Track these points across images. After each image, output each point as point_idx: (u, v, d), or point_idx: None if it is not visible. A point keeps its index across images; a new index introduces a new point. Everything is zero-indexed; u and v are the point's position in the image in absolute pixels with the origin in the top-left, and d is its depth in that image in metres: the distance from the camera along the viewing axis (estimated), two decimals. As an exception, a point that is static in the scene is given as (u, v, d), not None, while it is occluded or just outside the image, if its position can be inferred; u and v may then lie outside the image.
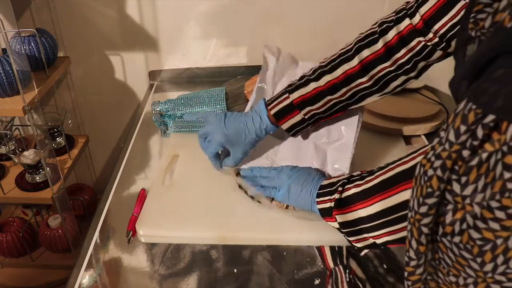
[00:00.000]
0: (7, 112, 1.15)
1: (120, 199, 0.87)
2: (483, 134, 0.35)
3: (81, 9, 1.26)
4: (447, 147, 0.38)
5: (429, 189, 0.40)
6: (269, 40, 1.31)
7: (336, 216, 0.65)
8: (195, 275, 0.70)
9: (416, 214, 0.41)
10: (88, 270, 0.73)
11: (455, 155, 0.38)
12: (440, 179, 0.39)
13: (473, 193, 0.37)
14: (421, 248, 0.42)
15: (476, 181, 0.36)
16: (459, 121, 0.37)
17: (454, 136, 0.38)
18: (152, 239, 0.76)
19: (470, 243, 0.38)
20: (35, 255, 1.38)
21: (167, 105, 1.02)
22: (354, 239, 0.65)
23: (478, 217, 0.36)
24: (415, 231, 0.42)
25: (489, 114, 0.35)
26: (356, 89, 0.75)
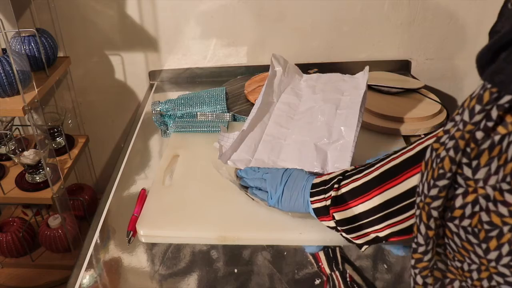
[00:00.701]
0: (7, 112, 1.15)
1: (120, 199, 0.87)
2: (497, 115, 0.35)
3: (81, 9, 1.26)
4: (461, 127, 0.38)
5: (440, 171, 0.39)
6: (269, 40, 1.31)
7: (334, 214, 0.63)
8: (195, 275, 0.70)
9: (426, 197, 0.41)
10: (88, 270, 0.73)
11: (468, 135, 0.37)
12: (452, 160, 0.39)
13: (487, 176, 0.36)
14: (430, 232, 0.41)
15: (488, 163, 0.36)
16: (475, 101, 0.37)
17: (469, 116, 0.37)
18: (152, 239, 0.76)
19: (478, 226, 0.37)
20: (35, 255, 1.38)
21: (167, 105, 1.02)
22: (354, 236, 0.63)
23: (491, 199, 0.36)
24: (424, 215, 0.42)
25: (505, 94, 0.35)
26: None
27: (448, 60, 1.33)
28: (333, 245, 0.74)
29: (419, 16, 1.25)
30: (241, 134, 0.87)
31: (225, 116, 1.03)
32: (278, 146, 0.88)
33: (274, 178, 0.74)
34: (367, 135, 0.97)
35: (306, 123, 0.91)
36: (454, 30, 1.27)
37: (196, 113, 1.03)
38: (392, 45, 1.31)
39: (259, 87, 1.13)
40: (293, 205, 0.71)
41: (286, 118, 0.92)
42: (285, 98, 0.97)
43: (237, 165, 0.85)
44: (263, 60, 1.32)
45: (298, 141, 0.87)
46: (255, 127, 0.90)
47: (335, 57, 1.32)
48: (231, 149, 0.87)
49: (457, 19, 1.26)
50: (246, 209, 0.78)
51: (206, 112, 1.03)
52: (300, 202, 0.70)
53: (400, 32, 1.28)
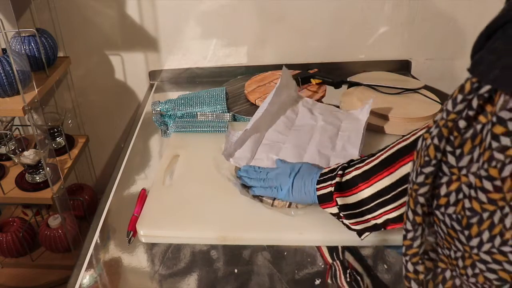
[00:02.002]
0: (7, 112, 1.15)
1: (120, 199, 0.87)
2: (477, 104, 0.36)
3: (81, 9, 1.26)
4: (444, 116, 0.39)
5: (426, 158, 0.41)
6: (269, 40, 1.31)
7: (337, 198, 0.65)
8: (195, 275, 0.70)
9: (414, 184, 0.42)
10: (88, 270, 0.73)
11: (451, 124, 0.38)
12: (436, 147, 0.40)
13: (470, 163, 0.37)
14: (417, 218, 0.43)
15: (471, 152, 0.37)
16: (457, 91, 0.38)
17: (451, 105, 0.38)
18: (153, 239, 0.76)
19: (461, 213, 0.38)
20: (35, 255, 1.38)
21: (167, 105, 1.02)
22: (354, 222, 0.65)
23: (473, 186, 0.37)
24: (411, 201, 0.43)
25: (485, 84, 0.35)
26: None
27: (448, 60, 1.33)
28: (333, 244, 0.74)
29: (419, 16, 1.25)
30: (244, 133, 0.88)
31: (225, 116, 1.03)
32: (277, 147, 0.88)
33: (284, 172, 0.76)
34: (367, 135, 0.97)
35: (306, 132, 0.91)
36: (454, 30, 1.27)
37: (196, 113, 1.03)
38: (392, 45, 1.31)
39: (259, 87, 1.14)
40: (304, 195, 0.72)
41: (284, 128, 0.94)
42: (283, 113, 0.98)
43: (238, 164, 0.85)
44: (263, 60, 1.32)
45: (298, 145, 0.87)
46: (257, 130, 0.91)
47: (335, 57, 1.32)
48: (234, 146, 0.87)
49: (457, 19, 1.26)
50: (246, 209, 0.78)
51: (206, 112, 1.03)
52: (310, 191, 0.71)
53: (400, 32, 1.28)
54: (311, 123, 0.94)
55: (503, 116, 0.34)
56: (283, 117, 0.96)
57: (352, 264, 0.70)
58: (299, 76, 1.14)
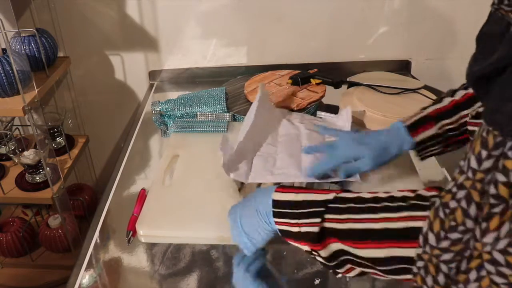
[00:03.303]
0: (7, 112, 1.15)
1: (120, 199, 0.87)
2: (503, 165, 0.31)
3: (81, 9, 1.26)
4: (470, 175, 0.34)
5: (452, 223, 0.36)
6: (269, 40, 1.31)
7: (318, 251, 0.53)
8: (195, 275, 0.70)
9: (434, 249, 0.37)
10: (88, 270, 0.73)
11: (479, 185, 0.34)
12: (464, 212, 0.35)
13: (495, 241, 0.33)
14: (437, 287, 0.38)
15: (497, 228, 0.33)
16: (479, 146, 0.34)
17: (476, 163, 0.34)
18: (152, 239, 0.76)
19: (493, 286, 0.34)
20: (35, 255, 1.38)
21: (167, 105, 1.02)
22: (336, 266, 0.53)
23: (503, 264, 0.33)
24: (431, 267, 0.38)
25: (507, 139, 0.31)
26: None
27: (448, 60, 1.33)
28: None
29: (419, 16, 1.25)
30: (239, 145, 0.84)
31: (225, 116, 1.03)
32: (272, 158, 0.86)
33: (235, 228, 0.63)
34: (367, 135, 0.97)
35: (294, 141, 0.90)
36: (454, 30, 1.27)
37: (196, 113, 1.03)
38: (392, 45, 1.31)
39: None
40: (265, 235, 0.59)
41: (272, 139, 0.92)
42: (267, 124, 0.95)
43: (237, 178, 0.81)
44: (263, 60, 1.32)
45: (292, 154, 0.86)
46: (250, 141, 0.88)
47: (335, 57, 1.32)
48: (233, 160, 0.83)
49: (456, 20, 1.26)
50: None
51: (206, 112, 1.03)
52: (265, 226, 0.58)
53: (400, 32, 1.28)
54: (294, 132, 0.93)
55: None
56: (268, 128, 0.94)
57: None
58: (299, 76, 1.14)
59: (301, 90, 1.11)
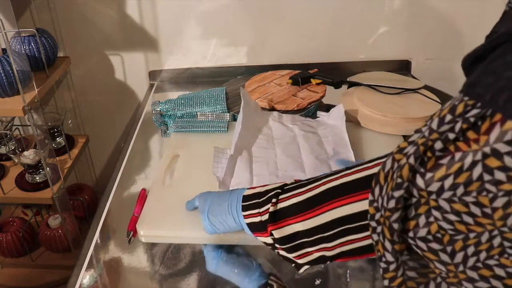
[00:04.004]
0: (7, 112, 1.15)
1: (120, 199, 0.87)
2: (460, 128, 0.34)
3: (81, 9, 1.26)
4: (426, 134, 0.36)
5: (398, 180, 0.37)
6: (269, 40, 1.31)
7: (272, 231, 0.56)
8: (195, 275, 0.70)
9: (386, 211, 0.39)
10: (88, 270, 0.73)
11: (431, 143, 0.36)
12: (411, 167, 0.37)
13: (440, 191, 0.35)
14: (396, 247, 0.39)
15: (442, 179, 0.35)
16: (447, 111, 0.35)
17: (437, 124, 0.36)
18: (153, 239, 0.76)
19: (441, 231, 0.36)
20: (35, 255, 1.38)
21: (167, 105, 1.02)
22: (296, 255, 0.56)
23: (448, 211, 0.35)
24: (386, 230, 0.39)
25: (473, 108, 0.33)
26: None
27: (448, 60, 1.33)
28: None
29: (419, 16, 1.25)
30: (231, 158, 0.84)
31: (225, 116, 1.03)
32: (272, 160, 0.85)
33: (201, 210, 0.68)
34: (367, 135, 0.97)
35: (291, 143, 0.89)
36: (454, 30, 1.27)
37: (196, 113, 1.03)
38: (392, 45, 1.31)
39: (259, 87, 1.14)
40: (228, 227, 0.65)
41: (267, 143, 0.91)
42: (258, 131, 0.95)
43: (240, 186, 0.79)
44: (263, 60, 1.32)
45: (291, 155, 0.86)
46: (242, 151, 0.87)
47: (335, 57, 1.32)
48: (228, 175, 0.82)
49: (457, 20, 1.26)
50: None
51: (206, 112, 1.03)
52: (231, 221, 0.63)
53: (400, 32, 1.28)
54: (289, 134, 0.92)
55: (499, 148, 0.31)
56: (261, 135, 0.93)
57: None
58: (299, 76, 1.14)
59: (301, 90, 1.11)
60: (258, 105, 1.04)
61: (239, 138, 0.87)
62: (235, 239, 0.74)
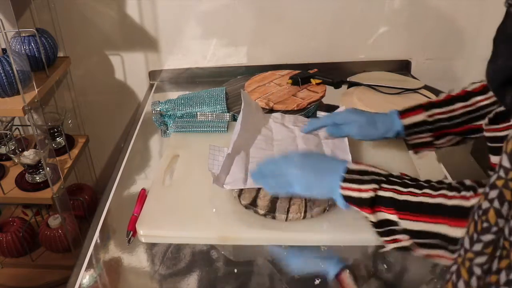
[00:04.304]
0: (7, 112, 1.15)
1: (120, 199, 0.87)
2: None
3: (81, 9, 1.26)
4: (502, 175, 0.34)
5: (485, 224, 0.35)
6: (269, 40, 1.31)
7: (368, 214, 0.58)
8: (195, 275, 0.70)
9: (468, 252, 0.37)
10: (88, 270, 0.73)
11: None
12: (497, 212, 0.34)
13: None
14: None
15: None
16: (511, 144, 0.34)
17: (509, 161, 0.34)
18: (152, 239, 0.76)
19: None
20: (35, 255, 1.38)
21: (167, 105, 1.02)
22: (385, 239, 0.58)
23: None
24: (464, 272, 0.37)
25: None
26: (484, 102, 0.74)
27: (448, 60, 1.33)
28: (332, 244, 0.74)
29: (419, 16, 1.25)
30: (228, 157, 0.83)
31: (225, 116, 1.03)
32: None
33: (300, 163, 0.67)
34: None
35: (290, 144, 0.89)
36: (454, 30, 1.27)
37: (196, 113, 1.03)
38: (392, 45, 1.31)
39: (259, 87, 1.14)
40: (320, 189, 0.64)
41: (265, 144, 0.90)
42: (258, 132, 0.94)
43: (234, 187, 0.80)
44: (263, 60, 1.32)
45: None
46: (239, 151, 0.86)
47: (335, 57, 1.32)
48: (223, 172, 0.81)
49: (457, 19, 1.26)
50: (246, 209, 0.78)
51: (206, 112, 1.03)
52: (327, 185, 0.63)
53: (400, 32, 1.28)
54: (290, 135, 0.92)
55: None
56: (260, 136, 0.92)
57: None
58: (299, 76, 1.14)
59: (301, 90, 1.11)
60: (259, 106, 1.04)
61: (237, 137, 0.87)
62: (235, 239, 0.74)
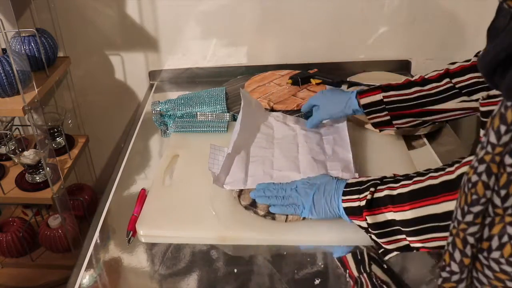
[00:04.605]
0: (7, 112, 1.15)
1: (120, 199, 0.87)
2: None
3: (81, 9, 1.26)
4: (490, 150, 0.37)
5: (474, 196, 0.38)
6: (269, 40, 1.31)
7: (367, 216, 0.63)
8: (195, 275, 0.70)
9: (461, 223, 0.39)
10: (88, 270, 0.73)
11: (498, 158, 0.36)
12: (485, 185, 0.37)
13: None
14: (465, 260, 0.40)
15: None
16: (498, 121, 0.36)
17: (496, 137, 0.36)
18: (152, 239, 0.76)
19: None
20: (35, 255, 1.38)
21: (167, 105, 1.02)
22: (385, 241, 0.63)
23: None
24: (459, 242, 0.40)
25: None
26: (439, 88, 0.80)
27: (448, 60, 1.32)
28: (332, 244, 0.74)
29: (419, 16, 1.25)
30: (228, 157, 0.84)
31: (225, 116, 1.03)
32: (268, 160, 0.85)
33: (302, 188, 0.73)
34: (367, 135, 0.97)
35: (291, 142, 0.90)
36: (454, 30, 1.27)
37: (196, 113, 1.03)
38: (392, 45, 1.31)
39: (259, 87, 1.14)
40: (328, 211, 0.70)
41: (266, 143, 0.91)
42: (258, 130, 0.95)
43: (234, 187, 0.80)
44: (263, 60, 1.32)
45: (288, 156, 0.86)
46: (240, 150, 0.87)
47: (335, 57, 1.32)
48: (223, 172, 0.82)
49: (457, 19, 1.26)
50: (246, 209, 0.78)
51: (206, 112, 1.03)
52: (334, 206, 0.69)
53: (400, 32, 1.28)
54: (291, 133, 0.93)
55: None
56: (260, 134, 0.93)
57: (380, 277, 0.68)
58: (299, 76, 1.14)
59: (301, 90, 1.11)
60: (261, 104, 1.04)
61: (237, 137, 0.87)
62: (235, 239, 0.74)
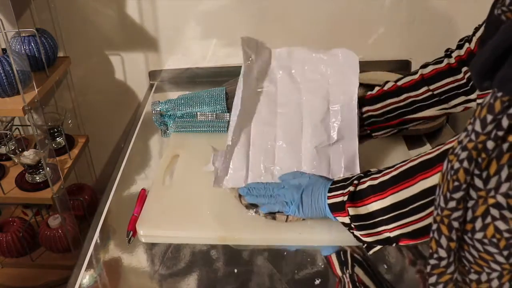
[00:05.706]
0: (7, 112, 1.15)
1: (120, 199, 0.87)
2: (508, 124, 0.35)
3: (81, 9, 1.26)
4: (473, 138, 0.38)
5: (456, 183, 0.39)
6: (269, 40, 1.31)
7: (349, 208, 0.63)
8: (195, 275, 0.70)
9: (444, 210, 0.41)
10: (88, 270, 0.73)
11: (481, 145, 0.37)
12: (466, 171, 0.38)
13: (498, 184, 0.37)
14: (452, 244, 0.41)
15: (497, 172, 0.36)
16: (485, 111, 0.37)
17: (481, 126, 0.37)
18: (152, 239, 0.76)
19: (497, 236, 0.38)
20: (35, 255, 1.38)
21: (167, 105, 1.02)
22: (365, 233, 0.63)
23: (505, 206, 0.36)
24: (444, 228, 0.41)
25: None
26: (416, 98, 0.79)
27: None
28: (332, 244, 0.74)
29: (419, 16, 1.25)
30: (228, 150, 0.80)
31: (225, 116, 1.03)
32: (271, 150, 0.81)
33: (290, 188, 0.73)
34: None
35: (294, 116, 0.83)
36: (454, 30, 1.27)
37: (196, 113, 1.03)
38: (392, 45, 1.30)
39: (259, 87, 1.13)
40: (315, 210, 0.70)
41: (269, 114, 0.84)
42: (260, 88, 0.87)
43: (234, 185, 0.79)
44: (263, 60, 1.32)
45: (291, 142, 0.81)
46: (240, 137, 0.82)
47: (335, 57, 1.31)
48: (223, 171, 0.80)
49: (457, 19, 1.26)
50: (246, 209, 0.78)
51: (206, 112, 1.03)
52: (321, 206, 0.69)
53: (400, 32, 1.28)
54: (295, 99, 0.84)
55: None
56: (262, 97, 0.85)
57: (361, 279, 0.69)
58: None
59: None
60: (263, 45, 0.94)
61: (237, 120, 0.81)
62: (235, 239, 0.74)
